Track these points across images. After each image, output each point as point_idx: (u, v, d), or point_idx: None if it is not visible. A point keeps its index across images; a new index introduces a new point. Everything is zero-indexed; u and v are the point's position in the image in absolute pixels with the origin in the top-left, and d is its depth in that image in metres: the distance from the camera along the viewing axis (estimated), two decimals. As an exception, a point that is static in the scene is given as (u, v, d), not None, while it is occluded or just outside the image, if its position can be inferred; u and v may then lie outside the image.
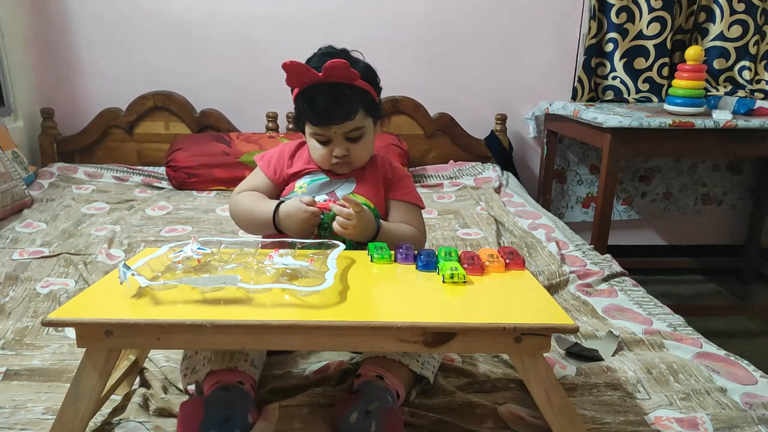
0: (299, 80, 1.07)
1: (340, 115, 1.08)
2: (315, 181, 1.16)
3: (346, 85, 1.07)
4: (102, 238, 1.71)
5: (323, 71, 1.04)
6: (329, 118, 1.08)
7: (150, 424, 0.88)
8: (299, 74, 1.06)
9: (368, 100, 1.12)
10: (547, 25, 2.53)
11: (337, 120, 1.08)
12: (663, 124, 1.97)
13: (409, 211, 1.19)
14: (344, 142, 1.12)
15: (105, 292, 0.84)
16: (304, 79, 1.07)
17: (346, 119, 1.09)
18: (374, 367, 0.93)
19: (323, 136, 1.12)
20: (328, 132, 1.10)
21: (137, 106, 2.45)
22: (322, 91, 1.07)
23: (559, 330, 0.75)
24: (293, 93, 1.12)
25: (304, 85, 1.08)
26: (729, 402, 0.96)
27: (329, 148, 1.12)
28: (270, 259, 0.87)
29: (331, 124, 1.09)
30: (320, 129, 1.10)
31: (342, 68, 1.04)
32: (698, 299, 2.65)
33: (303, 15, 2.44)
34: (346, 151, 1.12)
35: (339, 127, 1.09)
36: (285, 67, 1.05)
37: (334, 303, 0.78)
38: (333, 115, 1.08)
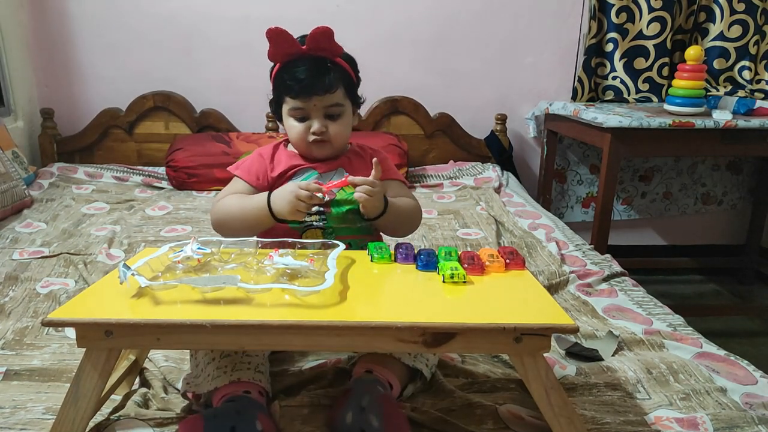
0: (283, 51, 1.06)
1: (322, 86, 1.07)
2: (306, 179, 1.13)
3: (328, 59, 1.08)
4: (102, 238, 1.71)
5: (307, 41, 1.05)
6: (311, 88, 1.07)
7: (150, 423, 0.88)
8: (284, 43, 1.05)
9: (349, 81, 1.12)
10: (547, 25, 2.53)
11: (319, 91, 1.07)
12: (663, 124, 1.97)
13: (400, 188, 1.19)
14: (323, 118, 1.10)
15: (105, 292, 0.84)
16: (289, 49, 1.06)
17: (328, 91, 1.08)
18: (365, 364, 0.94)
19: (302, 111, 1.10)
20: (308, 104, 1.09)
21: (137, 106, 2.45)
22: (305, 62, 1.06)
23: (559, 330, 0.75)
24: (273, 70, 1.11)
25: (287, 57, 1.07)
26: (729, 402, 0.96)
27: (307, 124, 1.11)
28: (270, 259, 0.87)
29: (312, 95, 1.07)
30: (300, 101, 1.08)
31: (326, 36, 1.05)
32: (698, 299, 2.65)
33: (303, 15, 2.44)
34: (324, 127, 1.10)
35: (320, 99, 1.08)
36: (269, 34, 1.04)
37: (334, 303, 0.78)
38: (315, 85, 1.06)
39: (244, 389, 0.88)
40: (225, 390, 0.87)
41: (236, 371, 0.89)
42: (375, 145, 1.21)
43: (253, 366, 0.92)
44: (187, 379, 0.92)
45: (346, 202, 1.12)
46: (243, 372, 0.90)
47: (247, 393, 0.87)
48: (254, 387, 0.89)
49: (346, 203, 1.12)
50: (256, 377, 0.90)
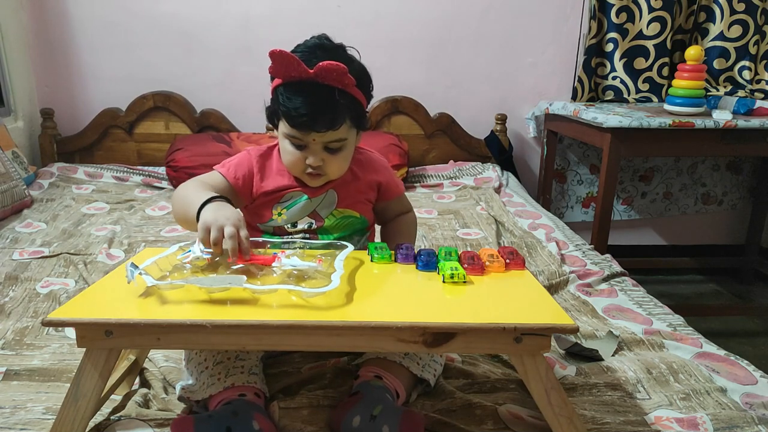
0: (285, 72, 0.95)
1: (325, 123, 0.96)
2: (294, 205, 1.06)
3: (337, 89, 0.95)
4: (102, 238, 1.71)
5: (317, 70, 0.92)
6: (311, 124, 0.96)
7: (150, 424, 0.88)
8: (287, 66, 0.93)
9: (357, 110, 1.00)
10: (547, 25, 2.53)
11: (320, 128, 0.96)
12: (663, 124, 1.97)
13: (400, 203, 1.19)
14: (321, 151, 1.00)
15: (105, 292, 0.84)
16: (292, 72, 0.94)
17: (330, 128, 0.96)
18: (373, 368, 0.93)
19: (299, 141, 0.99)
20: (306, 138, 0.98)
21: (137, 106, 2.45)
22: (310, 91, 0.94)
23: (559, 330, 0.75)
24: (273, 82, 1.00)
25: (290, 79, 0.95)
26: (729, 402, 0.96)
27: (303, 154, 1.00)
28: (277, 260, 0.87)
29: (311, 131, 0.97)
30: (298, 133, 0.98)
31: (338, 73, 0.92)
32: (698, 299, 2.65)
33: (303, 15, 2.44)
34: (321, 161, 1.00)
35: (320, 135, 0.97)
36: (272, 55, 0.92)
37: (339, 304, 0.77)
38: (317, 121, 0.95)
39: (239, 392, 0.87)
40: (220, 396, 0.87)
41: (230, 377, 0.89)
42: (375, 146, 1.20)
43: (247, 369, 0.91)
44: (183, 387, 0.92)
45: (334, 228, 1.07)
46: (236, 377, 0.89)
47: (242, 396, 0.87)
48: (249, 389, 0.89)
49: (334, 230, 1.07)
50: (250, 380, 0.90)
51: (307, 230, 1.07)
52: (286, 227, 1.07)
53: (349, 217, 1.08)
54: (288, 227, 1.07)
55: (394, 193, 1.16)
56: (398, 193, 1.17)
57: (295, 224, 1.07)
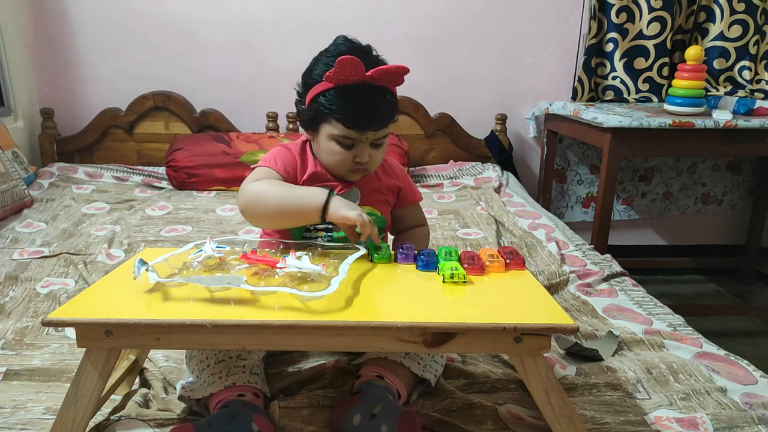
0: (346, 77, 0.98)
1: (382, 121, 1.02)
2: None
3: (388, 89, 1.02)
4: (102, 238, 1.71)
5: (376, 73, 0.97)
6: (370, 123, 1.01)
7: (151, 424, 0.88)
8: (350, 70, 0.97)
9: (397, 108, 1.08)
10: (547, 25, 2.53)
11: (377, 126, 1.02)
12: (663, 124, 1.97)
13: (416, 212, 1.21)
14: (368, 148, 1.05)
15: (105, 292, 0.84)
16: (352, 77, 0.97)
17: (384, 126, 1.03)
18: (375, 367, 0.93)
19: (351, 141, 1.03)
20: (360, 137, 1.02)
21: (137, 106, 2.45)
22: (366, 92, 0.99)
23: (559, 330, 0.75)
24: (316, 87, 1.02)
25: (345, 83, 0.99)
26: (729, 402, 0.96)
27: (352, 152, 1.04)
28: (282, 261, 0.87)
29: (369, 129, 1.01)
30: (354, 133, 1.01)
31: (398, 75, 0.99)
32: (698, 299, 2.65)
33: (303, 15, 2.44)
34: (368, 157, 1.05)
35: (374, 133, 1.03)
36: (342, 62, 0.95)
37: (337, 309, 0.77)
38: (375, 120, 1.01)
39: (238, 393, 0.87)
40: (220, 396, 0.87)
41: (231, 376, 0.89)
42: None
43: (248, 369, 0.91)
44: (183, 385, 0.92)
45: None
46: (237, 376, 0.89)
47: (241, 396, 0.87)
48: (248, 390, 0.89)
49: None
50: (251, 380, 0.90)
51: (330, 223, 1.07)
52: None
53: (371, 215, 1.10)
54: None
55: (411, 200, 1.19)
56: (415, 200, 1.20)
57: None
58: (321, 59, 1.05)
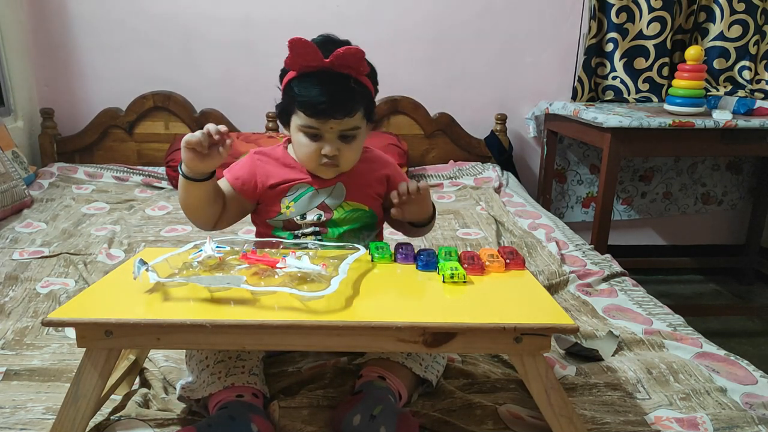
0: (303, 62, 0.97)
1: (343, 109, 0.99)
2: (302, 196, 1.07)
3: (352, 77, 0.99)
4: (102, 238, 1.71)
5: (334, 57, 0.95)
6: (330, 111, 0.98)
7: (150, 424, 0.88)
8: (305, 55, 0.95)
9: (369, 99, 1.04)
10: (547, 25, 2.53)
11: (339, 114, 0.99)
12: (663, 124, 1.97)
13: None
14: (337, 140, 1.02)
15: (105, 292, 0.85)
16: (310, 62, 0.96)
17: (347, 115, 0.99)
18: (376, 368, 0.93)
19: (316, 131, 1.01)
20: (323, 126, 1.00)
21: (137, 106, 2.45)
22: (327, 79, 0.97)
23: (559, 330, 0.75)
24: (284, 78, 1.02)
25: (305, 70, 0.98)
26: (729, 402, 0.96)
27: (319, 144, 1.02)
28: (282, 261, 0.87)
29: (330, 118, 0.99)
30: (316, 122, 1.00)
31: (356, 57, 0.96)
32: (698, 299, 2.65)
33: (303, 15, 2.44)
34: (337, 151, 1.02)
35: (337, 123, 1.00)
36: (291, 44, 0.94)
37: (337, 309, 0.77)
38: (335, 108, 0.98)
39: (237, 393, 0.87)
40: (219, 396, 0.87)
41: (230, 376, 0.89)
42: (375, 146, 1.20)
43: (247, 369, 0.91)
44: (183, 385, 0.92)
45: (343, 221, 1.08)
46: (237, 377, 0.89)
47: (239, 397, 0.87)
48: (247, 390, 0.88)
49: (343, 223, 1.08)
50: (250, 380, 0.90)
51: (316, 222, 1.07)
52: (296, 219, 1.07)
53: (358, 210, 1.09)
54: (297, 219, 1.07)
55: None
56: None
57: (304, 216, 1.07)
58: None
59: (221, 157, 0.98)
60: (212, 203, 1.04)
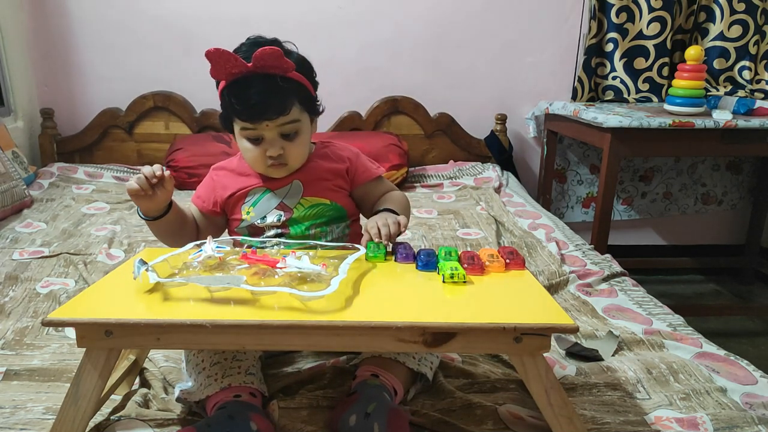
0: (226, 71, 0.98)
1: (274, 108, 0.99)
2: (260, 200, 1.08)
3: (279, 76, 0.99)
4: (102, 238, 1.71)
5: (253, 60, 0.95)
6: (262, 112, 0.99)
7: (150, 424, 0.88)
8: (225, 64, 0.96)
9: (304, 93, 1.04)
10: (547, 25, 2.53)
11: (272, 114, 1.00)
12: (663, 124, 1.97)
13: (382, 184, 1.19)
14: (279, 140, 1.03)
15: (105, 292, 0.85)
16: (232, 69, 0.97)
17: (281, 113, 1.00)
18: (370, 366, 0.93)
19: (255, 132, 1.03)
20: (260, 127, 1.02)
21: (137, 106, 2.45)
22: (253, 82, 0.98)
23: (559, 330, 0.75)
24: (219, 87, 1.04)
25: (232, 77, 0.99)
26: (729, 402, 0.96)
27: (262, 147, 1.04)
28: (282, 261, 0.87)
29: (263, 119, 1.00)
30: (251, 124, 1.01)
31: (274, 57, 0.95)
32: (698, 299, 2.65)
33: (303, 15, 2.44)
34: (281, 150, 1.03)
35: (273, 122, 1.01)
36: (208, 55, 0.96)
37: (337, 309, 0.77)
38: (266, 108, 0.99)
39: (235, 394, 0.87)
40: (216, 398, 0.87)
41: (226, 377, 0.89)
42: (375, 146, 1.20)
43: (243, 369, 0.91)
44: (182, 389, 0.92)
45: (304, 218, 1.08)
46: (233, 377, 0.89)
47: (237, 397, 0.87)
48: (245, 390, 0.89)
49: (305, 219, 1.08)
50: (247, 380, 0.90)
51: (277, 224, 1.08)
52: (257, 223, 1.09)
53: (318, 205, 1.09)
54: (258, 222, 1.09)
55: (366, 175, 1.16)
56: (372, 175, 1.17)
57: (264, 218, 1.08)
58: None
59: (167, 192, 1.02)
60: (182, 228, 1.08)
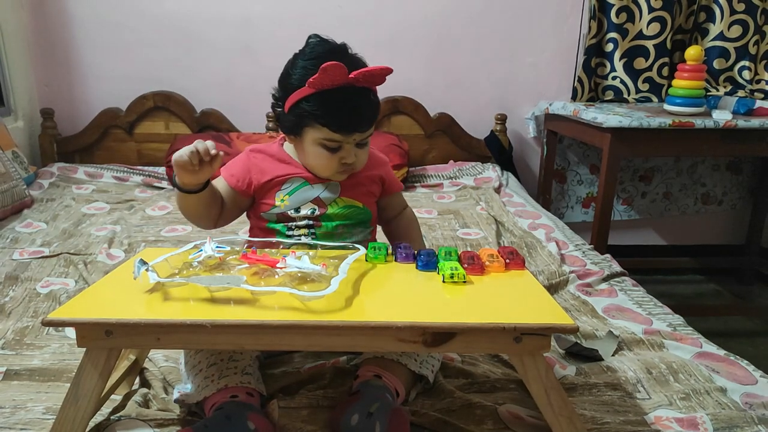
0: (331, 82, 0.97)
1: (367, 122, 1.03)
2: (296, 190, 1.09)
3: (371, 90, 1.02)
4: (102, 238, 1.71)
5: (360, 75, 0.97)
6: (357, 125, 1.01)
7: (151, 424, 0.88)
8: (334, 75, 0.96)
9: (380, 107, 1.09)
10: (547, 25, 2.53)
11: (363, 128, 1.03)
12: (663, 124, 1.97)
13: (399, 198, 1.23)
14: (354, 148, 1.05)
15: (105, 292, 0.85)
16: (336, 81, 0.97)
17: (369, 127, 1.04)
18: (372, 367, 0.93)
19: (337, 143, 1.03)
20: (348, 139, 1.03)
21: (137, 106, 2.45)
22: (350, 95, 0.99)
23: (559, 330, 0.75)
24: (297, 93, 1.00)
25: (328, 87, 0.98)
26: (729, 402, 0.96)
27: (338, 155, 1.04)
28: (283, 261, 0.87)
29: (355, 132, 1.02)
30: (340, 135, 1.01)
31: (382, 75, 0.99)
32: (698, 299, 2.65)
33: (303, 15, 2.44)
34: (355, 157, 1.06)
35: (361, 135, 1.04)
36: (326, 69, 0.94)
37: (337, 309, 0.77)
38: (361, 122, 1.02)
39: (231, 394, 0.87)
40: (213, 399, 0.87)
41: (223, 378, 0.89)
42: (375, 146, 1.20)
43: (240, 369, 0.91)
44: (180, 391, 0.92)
45: (337, 216, 1.09)
46: (230, 378, 0.89)
47: (234, 397, 0.87)
48: (241, 390, 0.88)
49: (337, 218, 1.09)
50: (243, 380, 0.90)
51: (310, 216, 1.08)
52: (290, 213, 1.08)
53: (352, 207, 1.11)
54: (291, 213, 1.08)
55: (392, 188, 1.20)
56: (398, 188, 1.22)
57: (298, 209, 1.08)
58: (298, 62, 1.03)
59: (212, 170, 0.98)
60: (210, 207, 1.06)
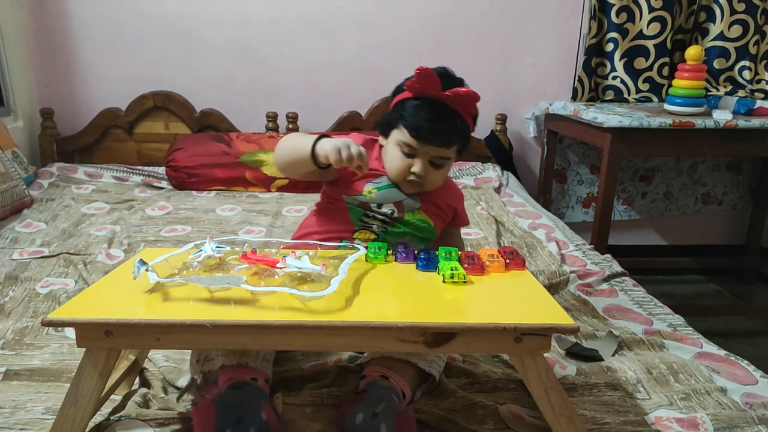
0: (421, 89, 1.04)
1: (443, 139, 1.07)
2: (385, 188, 1.12)
3: (460, 114, 1.06)
4: (102, 238, 1.71)
5: (453, 94, 1.03)
6: (432, 138, 1.06)
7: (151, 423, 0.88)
8: (428, 84, 1.03)
9: (466, 137, 1.11)
10: (547, 25, 2.53)
11: (438, 143, 1.06)
12: (663, 124, 1.97)
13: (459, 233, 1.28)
14: (426, 163, 1.09)
15: (105, 292, 0.85)
16: (428, 90, 1.04)
17: (445, 145, 1.07)
18: (379, 367, 0.94)
19: (412, 150, 1.08)
20: (421, 149, 1.07)
21: (137, 106, 2.45)
22: (439, 110, 1.05)
23: (559, 330, 0.75)
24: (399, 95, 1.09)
25: (421, 95, 1.05)
26: (729, 402, 0.96)
27: (409, 162, 1.09)
28: (282, 261, 0.87)
29: (429, 143, 1.06)
30: (416, 142, 1.06)
31: (471, 101, 1.05)
32: (698, 299, 2.65)
33: (303, 15, 2.44)
34: (425, 172, 1.09)
35: (434, 149, 1.07)
36: (420, 72, 1.01)
37: (337, 309, 0.77)
38: (437, 137, 1.06)
39: (252, 375, 0.90)
40: (232, 372, 0.89)
41: (245, 356, 0.92)
42: None
43: (261, 355, 0.94)
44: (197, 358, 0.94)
45: (410, 225, 1.12)
46: (251, 358, 0.92)
47: (254, 380, 0.89)
48: (261, 375, 0.91)
49: (410, 226, 1.12)
50: (263, 365, 0.93)
51: (389, 216, 1.12)
52: (372, 205, 1.12)
53: (425, 222, 1.14)
54: (374, 206, 1.12)
55: (459, 222, 1.25)
56: (464, 224, 1.26)
57: (380, 206, 1.12)
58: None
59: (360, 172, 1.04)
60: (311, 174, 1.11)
